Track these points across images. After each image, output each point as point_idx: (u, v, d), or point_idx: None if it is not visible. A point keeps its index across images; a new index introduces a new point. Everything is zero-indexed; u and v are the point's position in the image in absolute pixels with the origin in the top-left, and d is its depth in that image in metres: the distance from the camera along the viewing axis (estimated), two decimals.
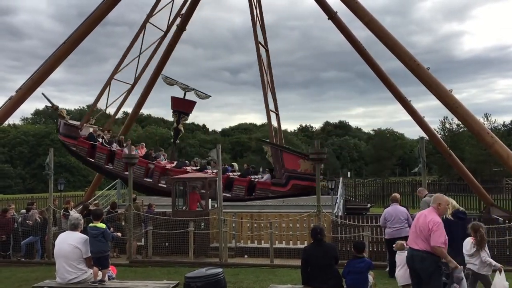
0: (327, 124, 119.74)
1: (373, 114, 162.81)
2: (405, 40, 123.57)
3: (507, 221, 15.06)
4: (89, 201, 23.10)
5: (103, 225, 8.96)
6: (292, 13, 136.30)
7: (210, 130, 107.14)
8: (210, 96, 27.54)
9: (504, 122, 71.91)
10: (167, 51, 27.17)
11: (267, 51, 26.88)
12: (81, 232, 8.65)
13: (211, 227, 16.54)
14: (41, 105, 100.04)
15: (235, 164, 27.00)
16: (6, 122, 34.45)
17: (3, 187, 63.54)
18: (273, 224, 15.84)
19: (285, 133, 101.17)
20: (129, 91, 26.59)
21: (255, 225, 16.75)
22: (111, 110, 26.90)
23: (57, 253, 8.20)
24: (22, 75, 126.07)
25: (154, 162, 24.01)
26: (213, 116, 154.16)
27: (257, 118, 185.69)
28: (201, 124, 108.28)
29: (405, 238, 12.30)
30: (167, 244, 16.32)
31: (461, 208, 9.70)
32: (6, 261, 16.52)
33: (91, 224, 9.06)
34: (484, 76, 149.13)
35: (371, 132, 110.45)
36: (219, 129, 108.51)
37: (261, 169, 26.18)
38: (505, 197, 30.64)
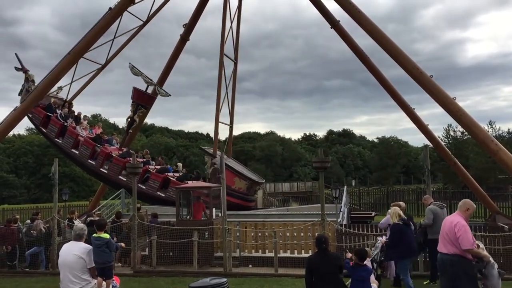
0: (331, 132, 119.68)
1: (377, 122, 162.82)
2: (408, 47, 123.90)
3: None
4: (93, 211, 23.11)
5: (107, 235, 8.97)
6: (296, 22, 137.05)
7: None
8: (170, 95, 27.77)
9: (508, 129, 71.30)
10: (170, 61, 27.31)
11: (235, 64, 27.77)
12: (85, 242, 8.65)
13: (215, 237, 16.50)
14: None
15: (180, 165, 27.63)
16: (11, 133, 34.56)
17: (8, 197, 63.73)
18: (277, 233, 15.79)
19: (289, 142, 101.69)
20: (99, 70, 26.69)
21: (259, 234, 16.70)
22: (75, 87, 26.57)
23: (61, 263, 8.18)
24: None
25: (101, 146, 24.04)
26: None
27: (261, 127, 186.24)
28: (205, 133, 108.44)
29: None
30: (171, 253, 16.29)
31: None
32: (11, 271, 16.55)
33: (94, 235, 9.07)
34: (488, 83, 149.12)
35: (375, 140, 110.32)
36: (223, 138, 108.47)
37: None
38: (510, 205, 30.50)
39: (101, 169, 23.55)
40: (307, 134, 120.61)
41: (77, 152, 24.05)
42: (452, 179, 44.56)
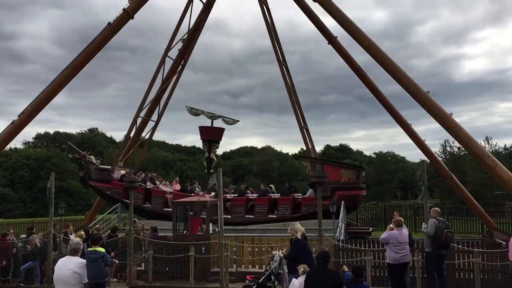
0: (328, 147, 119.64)
1: (374, 137, 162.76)
2: (404, 63, 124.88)
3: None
4: (89, 226, 22.99)
5: (102, 249, 8.91)
6: (293, 37, 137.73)
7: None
8: (238, 121, 27.40)
9: (505, 145, 71.66)
10: (168, 77, 27.37)
11: (287, 68, 26.37)
12: (81, 256, 8.60)
13: (212, 252, 16.41)
14: (43, 129, 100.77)
15: (273, 186, 26.64)
16: (8, 146, 34.46)
17: (4, 211, 63.22)
18: (275, 248, 15.70)
19: (286, 157, 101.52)
20: (153, 129, 26.82)
21: (256, 249, 16.62)
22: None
23: (56, 278, 8.12)
24: (24, 99, 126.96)
25: (192, 195, 23.50)
26: None
27: (258, 142, 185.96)
28: (202, 147, 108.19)
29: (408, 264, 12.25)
30: (167, 268, 16.18)
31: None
32: (5, 286, 16.36)
33: (89, 249, 9.01)
34: (483, 99, 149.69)
35: (372, 155, 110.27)
36: (220, 152, 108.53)
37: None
38: (507, 221, 30.45)
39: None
40: (304, 149, 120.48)
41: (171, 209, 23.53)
42: (449, 195, 44.47)
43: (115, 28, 22.24)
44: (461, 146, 34.71)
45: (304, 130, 24.56)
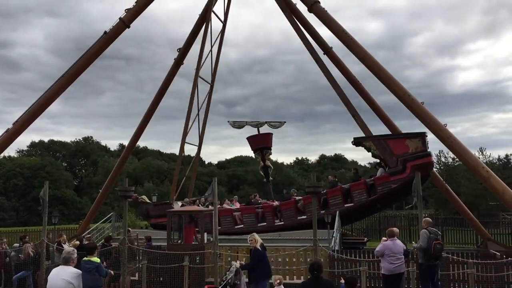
0: (323, 157, 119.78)
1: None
2: (398, 74, 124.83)
3: (504, 256, 14.93)
4: (83, 235, 22.84)
5: (97, 259, 8.85)
6: (288, 47, 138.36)
7: (206, 162, 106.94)
8: (285, 122, 27.01)
9: (499, 156, 72.02)
10: (164, 85, 27.45)
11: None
12: (75, 266, 8.52)
13: (206, 262, 16.32)
14: (37, 137, 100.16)
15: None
16: (2, 155, 34.29)
17: None
18: (270, 258, 15.65)
19: (281, 166, 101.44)
20: (197, 155, 27.22)
21: None
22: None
23: None
24: (19, 107, 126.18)
25: (260, 204, 23.32)
26: (209, 149, 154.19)
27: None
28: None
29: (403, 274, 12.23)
30: (161, 278, 16.06)
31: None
32: None
33: (85, 258, 8.94)
34: (477, 110, 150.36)
35: (367, 165, 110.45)
36: (215, 161, 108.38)
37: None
38: (502, 232, 30.48)
39: (276, 223, 22.64)
40: (300, 159, 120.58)
41: (242, 226, 22.91)
42: (444, 205, 44.59)
43: (111, 37, 22.29)
44: (456, 157, 34.90)
45: (355, 117, 23.78)
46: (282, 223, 22.45)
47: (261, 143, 26.00)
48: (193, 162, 27.86)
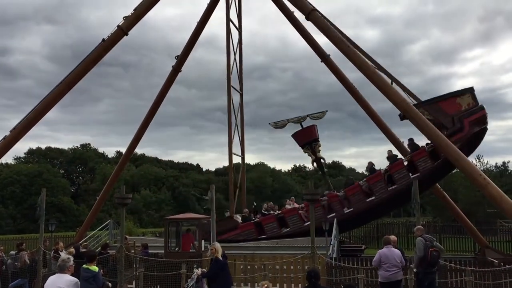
0: None
1: (366, 155, 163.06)
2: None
3: (502, 264, 14.92)
4: (80, 242, 22.74)
5: (96, 268, 8.82)
6: (285, 55, 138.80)
7: (204, 169, 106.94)
8: (327, 111, 26.37)
9: (496, 163, 72.21)
10: (162, 92, 27.44)
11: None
12: (73, 274, 8.47)
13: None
14: (34, 144, 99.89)
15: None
16: None
17: None
18: (267, 266, 15.62)
19: (279, 173, 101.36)
20: (242, 167, 27.50)
21: (249, 267, 16.51)
22: None
23: None
24: (16, 114, 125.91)
25: (325, 196, 23.00)
26: (207, 156, 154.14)
27: (251, 158, 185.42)
28: (194, 163, 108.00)
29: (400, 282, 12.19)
30: (158, 286, 16.00)
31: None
32: None
33: (84, 266, 8.91)
34: None
35: (365, 173, 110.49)
36: (212, 168, 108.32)
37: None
38: (499, 239, 30.52)
39: (345, 210, 22.32)
40: (297, 166, 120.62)
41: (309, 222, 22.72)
42: (442, 213, 44.58)
43: (109, 44, 22.29)
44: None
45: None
46: (352, 209, 22.05)
47: (308, 137, 25.67)
48: (241, 172, 27.73)
